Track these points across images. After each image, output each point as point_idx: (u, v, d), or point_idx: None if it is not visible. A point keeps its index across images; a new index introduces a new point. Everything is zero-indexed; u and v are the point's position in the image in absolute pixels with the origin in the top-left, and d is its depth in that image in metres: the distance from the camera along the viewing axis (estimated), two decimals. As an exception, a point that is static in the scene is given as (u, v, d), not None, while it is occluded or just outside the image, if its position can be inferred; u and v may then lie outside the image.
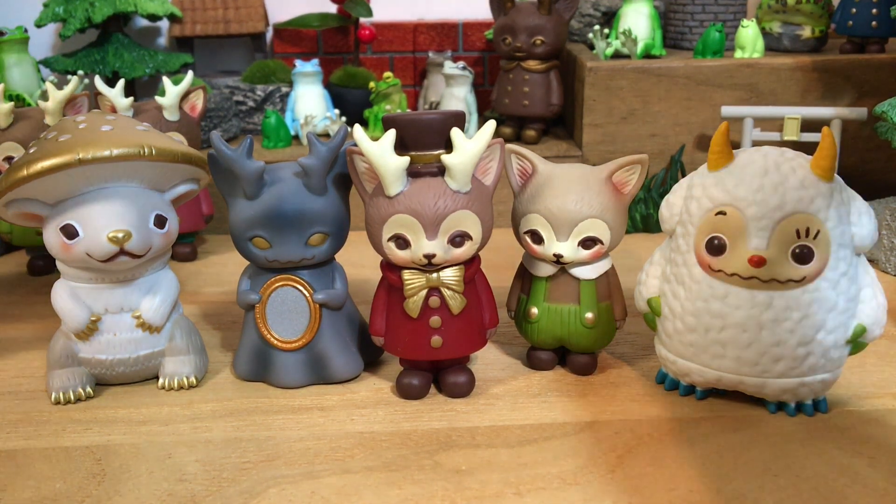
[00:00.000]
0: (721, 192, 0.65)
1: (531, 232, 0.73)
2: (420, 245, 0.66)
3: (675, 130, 1.19)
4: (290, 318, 0.73)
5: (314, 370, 0.75)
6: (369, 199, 0.68)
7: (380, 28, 1.39)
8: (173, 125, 1.04)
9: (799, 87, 1.17)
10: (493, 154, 0.69)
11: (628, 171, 0.72)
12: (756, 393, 0.68)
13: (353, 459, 0.64)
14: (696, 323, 0.67)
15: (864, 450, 0.64)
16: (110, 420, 0.70)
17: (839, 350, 0.66)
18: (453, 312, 0.69)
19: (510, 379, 0.76)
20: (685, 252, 0.67)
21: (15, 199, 0.68)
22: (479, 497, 0.59)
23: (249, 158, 0.69)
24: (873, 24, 1.17)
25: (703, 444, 0.65)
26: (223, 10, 1.37)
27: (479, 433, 0.67)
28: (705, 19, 1.27)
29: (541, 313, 0.74)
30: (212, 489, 0.61)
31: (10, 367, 0.80)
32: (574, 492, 0.60)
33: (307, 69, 1.25)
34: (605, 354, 0.80)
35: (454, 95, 1.24)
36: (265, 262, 0.72)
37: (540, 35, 1.17)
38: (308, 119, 1.23)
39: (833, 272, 0.63)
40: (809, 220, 0.62)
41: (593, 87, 1.17)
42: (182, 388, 0.75)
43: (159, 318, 0.73)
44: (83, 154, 0.65)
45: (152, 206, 0.70)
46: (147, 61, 1.31)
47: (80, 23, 1.25)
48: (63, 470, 0.63)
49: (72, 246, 0.68)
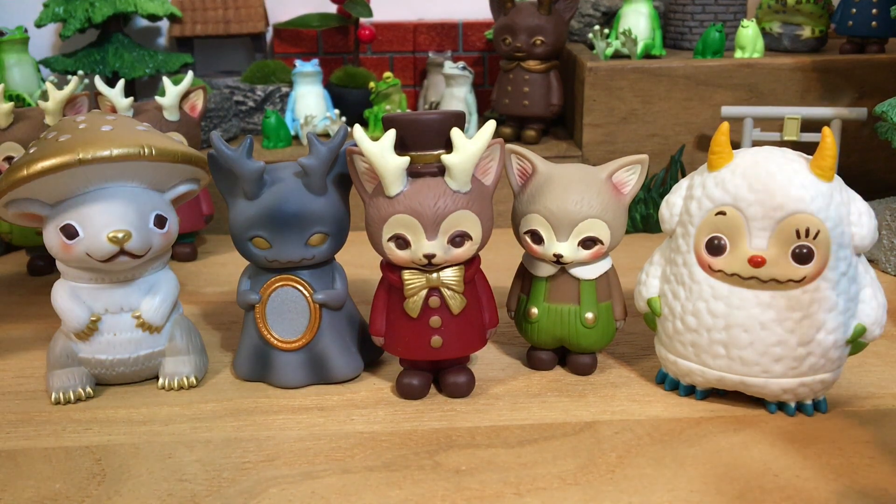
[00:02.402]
0: (721, 192, 0.65)
1: (531, 232, 0.73)
2: (420, 245, 0.66)
3: (675, 130, 1.19)
4: (290, 318, 0.73)
5: (314, 370, 0.75)
6: (369, 199, 0.68)
7: (380, 28, 1.39)
8: (173, 125, 1.04)
9: (799, 87, 1.17)
10: (493, 154, 0.69)
11: (628, 171, 0.72)
12: (756, 393, 0.68)
13: (353, 459, 0.64)
14: (697, 323, 0.67)
15: (864, 450, 0.64)
16: (110, 420, 0.70)
17: (839, 350, 0.66)
18: (453, 312, 0.69)
19: (510, 379, 0.76)
20: (685, 252, 0.67)
21: (15, 199, 0.68)
22: (479, 497, 0.59)
23: (249, 158, 0.69)
24: (873, 24, 1.17)
25: (703, 444, 0.65)
26: (223, 10, 1.37)
27: (479, 433, 0.67)
28: (705, 19, 1.27)
29: (541, 313, 0.74)
30: (212, 489, 0.61)
31: (10, 367, 0.80)
32: (574, 492, 0.60)
33: (307, 69, 1.25)
34: (605, 354, 0.80)
35: (454, 95, 1.24)
36: (265, 262, 0.72)
37: (540, 35, 1.17)
38: (308, 119, 1.23)
39: (833, 272, 0.63)
40: (809, 220, 0.62)
41: (593, 87, 1.17)
42: (182, 388, 0.75)
43: (159, 318, 0.73)
44: (83, 154, 0.65)
45: (152, 206, 0.70)
46: (147, 61, 1.31)
47: (80, 23, 1.25)
48: (63, 470, 0.63)
49: (72, 246, 0.68)
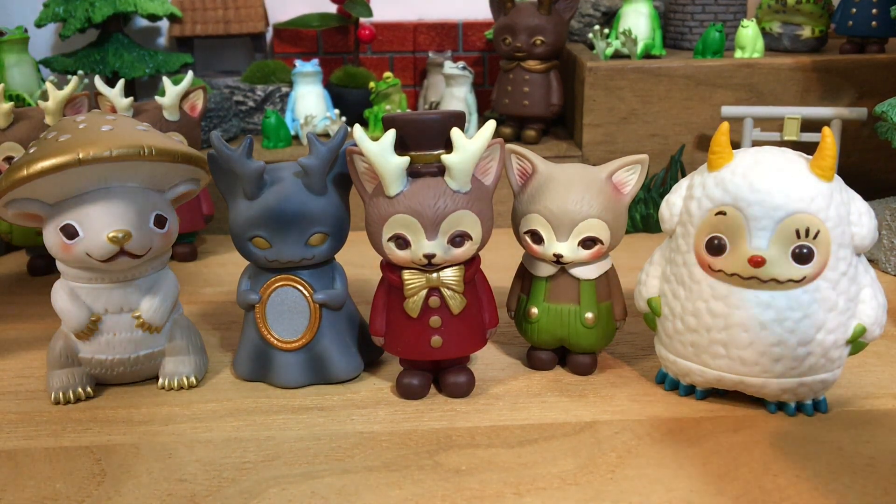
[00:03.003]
0: (721, 192, 0.65)
1: (531, 232, 0.73)
2: (420, 245, 0.66)
3: (675, 130, 1.19)
4: (290, 318, 0.73)
5: (314, 370, 0.75)
6: (369, 199, 0.68)
7: (380, 28, 1.39)
8: (173, 125, 1.04)
9: (799, 87, 1.17)
10: (493, 154, 0.69)
11: (628, 171, 0.72)
12: (756, 393, 0.68)
13: (353, 459, 0.64)
14: (697, 323, 0.67)
15: (864, 450, 0.64)
16: (110, 420, 0.70)
17: (839, 350, 0.66)
18: (453, 312, 0.69)
19: (510, 379, 0.76)
20: (685, 252, 0.67)
21: (15, 199, 0.68)
22: (479, 497, 0.59)
23: (249, 158, 0.69)
24: (873, 24, 1.17)
25: (703, 444, 0.65)
26: (223, 10, 1.37)
27: (479, 433, 0.67)
28: (705, 19, 1.27)
29: (541, 313, 0.74)
30: (212, 489, 0.61)
31: (10, 367, 0.80)
32: (574, 492, 0.60)
33: (307, 69, 1.25)
34: (605, 354, 0.80)
35: (454, 95, 1.24)
36: (265, 262, 0.72)
37: (540, 35, 1.17)
38: (308, 119, 1.23)
39: (833, 272, 0.63)
40: (809, 220, 0.62)
41: (593, 87, 1.17)
42: (182, 388, 0.75)
43: (159, 318, 0.73)
44: (83, 154, 0.65)
45: (152, 206, 0.70)
46: (147, 61, 1.31)
47: (80, 23, 1.25)
48: (63, 470, 0.63)
49: (72, 246, 0.68)
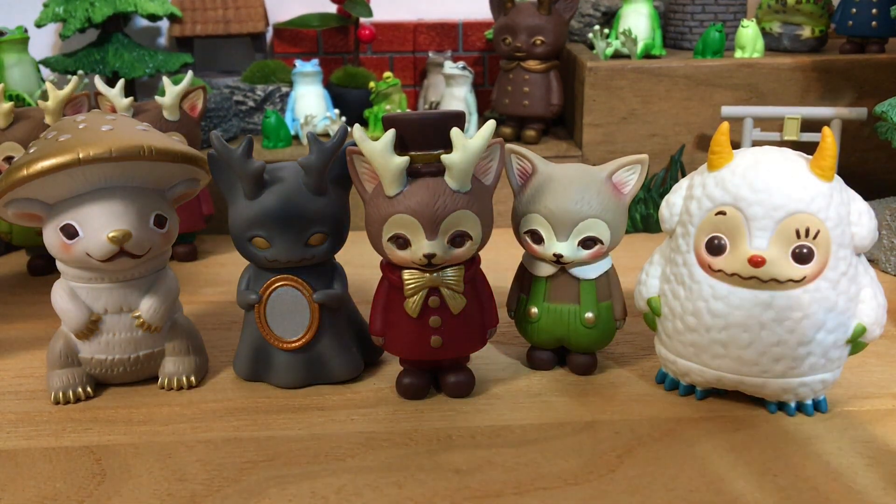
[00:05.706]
0: (721, 192, 0.65)
1: (531, 232, 0.72)
2: (420, 245, 0.66)
3: (675, 130, 1.19)
4: (290, 318, 0.73)
5: (314, 370, 0.75)
6: (369, 199, 0.68)
7: (380, 28, 1.39)
8: (173, 125, 1.04)
9: (799, 87, 1.17)
10: (493, 154, 0.68)
11: (628, 171, 0.72)
12: (756, 393, 0.68)
13: (353, 459, 0.64)
14: (697, 323, 0.67)
15: (864, 450, 0.64)
16: (110, 420, 0.70)
17: (839, 350, 0.66)
18: (453, 312, 0.69)
19: (510, 379, 0.76)
20: (685, 252, 0.67)
21: (15, 199, 0.68)
22: (479, 497, 0.59)
23: (249, 158, 0.69)
24: (873, 24, 1.17)
25: (703, 444, 0.65)
26: (223, 10, 1.37)
27: (479, 433, 0.67)
28: (705, 19, 1.27)
29: (541, 313, 0.74)
30: (212, 489, 0.61)
31: (10, 367, 0.80)
32: (574, 492, 0.60)
33: (307, 69, 1.25)
34: (605, 354, 0.80)
35: (454, 95, 1.24)
36: (265, 261, 0.72)
37: (540, 35, 1.17)
38: (308, 119, 1.23)
39: (833, 272, 0.63)
40: (809, 220, 0.62)
41: (593, 87, 1.17)
42: (182, 388, 0.75)
43: (159, 318, 0.73)
44: (83, 154, 0.65)
45: (152, 206, 0.70)
46: (147, 61, 1.31)
47: (80, 23, 1.25)
48: (63, 470, 0.63)
49: (72, 246, 0.68)
